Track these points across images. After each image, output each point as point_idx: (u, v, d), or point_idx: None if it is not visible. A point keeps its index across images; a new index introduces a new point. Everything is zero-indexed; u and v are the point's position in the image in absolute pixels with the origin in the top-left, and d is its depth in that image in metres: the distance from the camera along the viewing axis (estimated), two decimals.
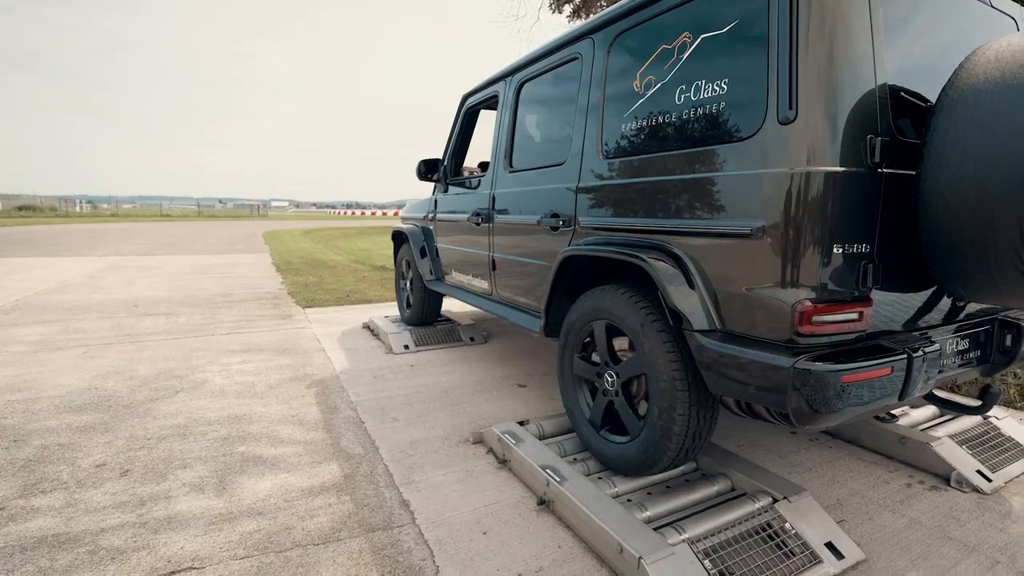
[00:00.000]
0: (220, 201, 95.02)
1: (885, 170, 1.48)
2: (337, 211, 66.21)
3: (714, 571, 1.55)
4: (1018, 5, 2.06)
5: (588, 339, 2.22)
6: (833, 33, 1.45)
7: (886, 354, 1.49)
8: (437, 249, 4.00)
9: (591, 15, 14.38)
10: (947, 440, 2.37)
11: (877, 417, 2.44)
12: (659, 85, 1.91)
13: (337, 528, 1.86)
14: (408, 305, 4.54)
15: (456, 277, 3.72)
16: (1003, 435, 2.53)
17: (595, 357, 2.21)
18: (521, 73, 2.90)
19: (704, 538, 1.66)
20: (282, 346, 4.23)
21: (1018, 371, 3.23)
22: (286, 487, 2.13)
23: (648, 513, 1.82)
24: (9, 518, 1.87)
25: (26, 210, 33.00)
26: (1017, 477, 2.27)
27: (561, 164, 2.43)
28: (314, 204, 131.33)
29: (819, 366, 1.40)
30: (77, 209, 36.85)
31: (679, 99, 1.83)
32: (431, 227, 4.09)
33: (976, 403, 1.91)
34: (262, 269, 9.20)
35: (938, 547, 1.80)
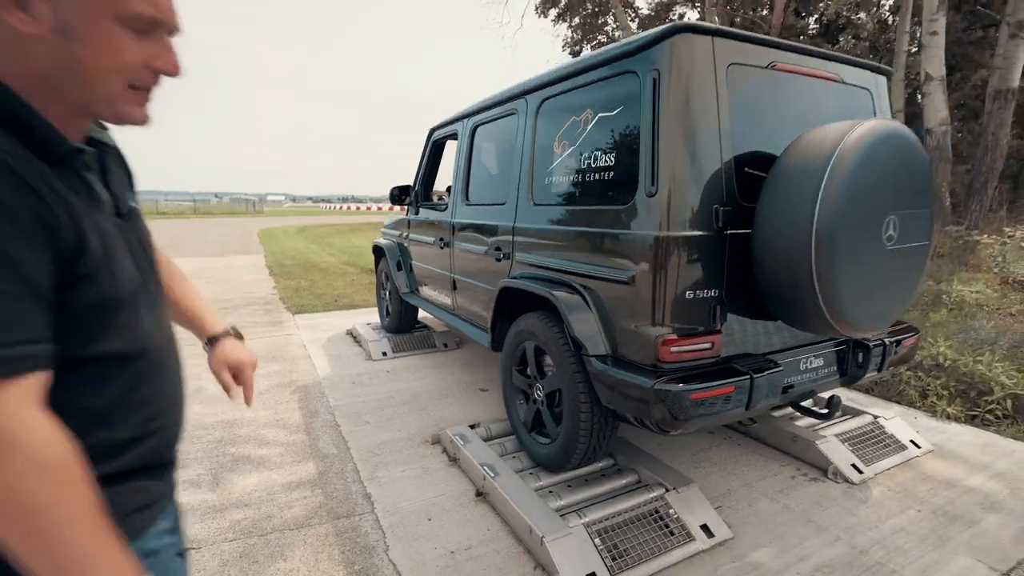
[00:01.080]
0: (216, 196, 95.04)
1: (729, 232, 1.88)
2: (333, 205, 66.31)
3: (603, 547, 1.97)
4: (876, 75, 2.44)
5: (523, 355, 2.63)
6: (686, 127, 1.84)
7: (732, 375, 1.90)
8: (411, 265, 4.40)
9: (574, 20, 14.71)
10: (832, 438, 2.78)
11: (803, 409, 2.74)
12: (570, 149, 2.30)
13: (309, 516, 2.28)
14: (387, 313, 4.94)
15: (426, 291, 4.13)
16: (887, 433, 2.95)
17: (529, 371, 2.62)
18: (476, 117, 3.29)
19: (600, 521, 2.08)
20: (272, 353, 4.63)
21: (922, 375, 3.64)
22: (269, 483, 2.54)
23: (561, 502, 2.24)
24: None
25: None
26: (887, 470, 2.69)
27: (503, 204, 2.83)
28: (310, 198, 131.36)
29: (673, 386, 1.81)
30: None
31: (583, 164, 2.22)
32: (406, 244, 4.49)
33: (824, 411, 2.32)
34: (256, 272, 9.58)
35: (797, 528, 2.22)
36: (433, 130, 4.00)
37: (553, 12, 14.50)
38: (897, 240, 1.85)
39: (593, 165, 2.16)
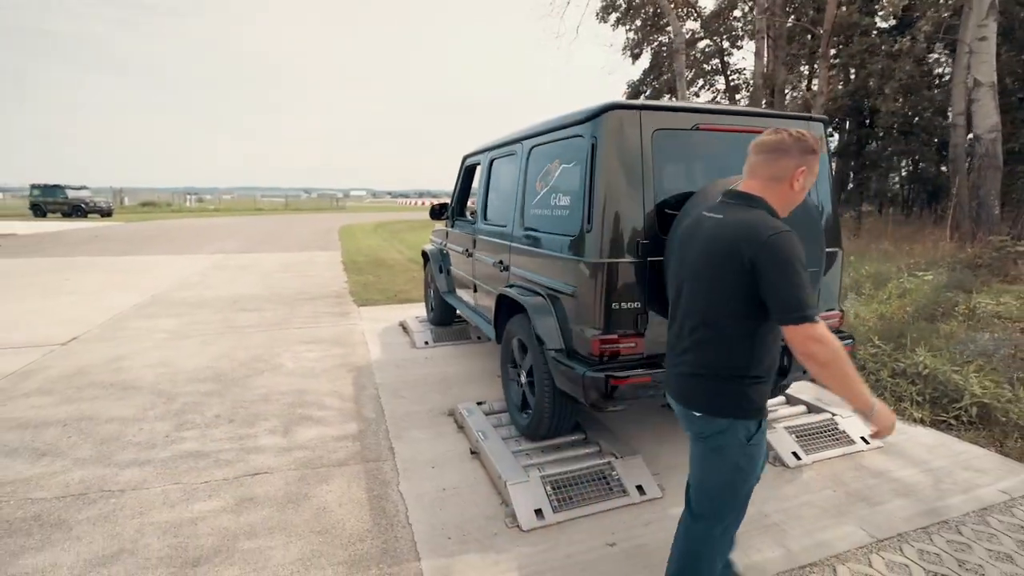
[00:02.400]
0: (306, 191, 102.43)
1: (649, 259, 2.46)
2: (410, 200, 69.48)
3: (552, 492, 2.63)
4: (808, 124, 2.87)
5: (513, 347, 3.31)
6: (614, 180, 2.44)
7: (650, 368, 2.49)
8: (449, 269, 5.19)
9: (635, 22, 14.92)
10: (781, 429, 3.24)
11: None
12: (545, 189, 2.95)
13: (348, 459, 3.11)
14: (431, 308, 5.78)
15: (459, 292, 4.90)
16: (839, 429, 3.34)
17: (516, 360, 3.30)
18: (492, 152, 3.99)
19: (555, 476, 2.73)
20: (337, 339, 5.61)
21: (901, 382, 3.92)
22: (323, 435, 3.41)
23: (530, 461, 2.91)
24: (171, 442, 3.29)
25: (148, 205, 38.11)
26: (827, 459, 3.11)
27: (505, 226, 3.51)
28: (389, 193, 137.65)
29: (598, 374, 2.43)
30: (187, 204, 41.87)
31: (552, 201, 2.86)
32: (446, 251, 5.29)
33: None
34: (332, 268, 10.87)
35: None
36: (465, 157, 4.74)
37: (613, 17, 14.80)
38: None
39: (557, 203, 2.80)
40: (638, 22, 14.62)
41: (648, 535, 2.42)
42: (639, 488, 2.73)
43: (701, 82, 14.74)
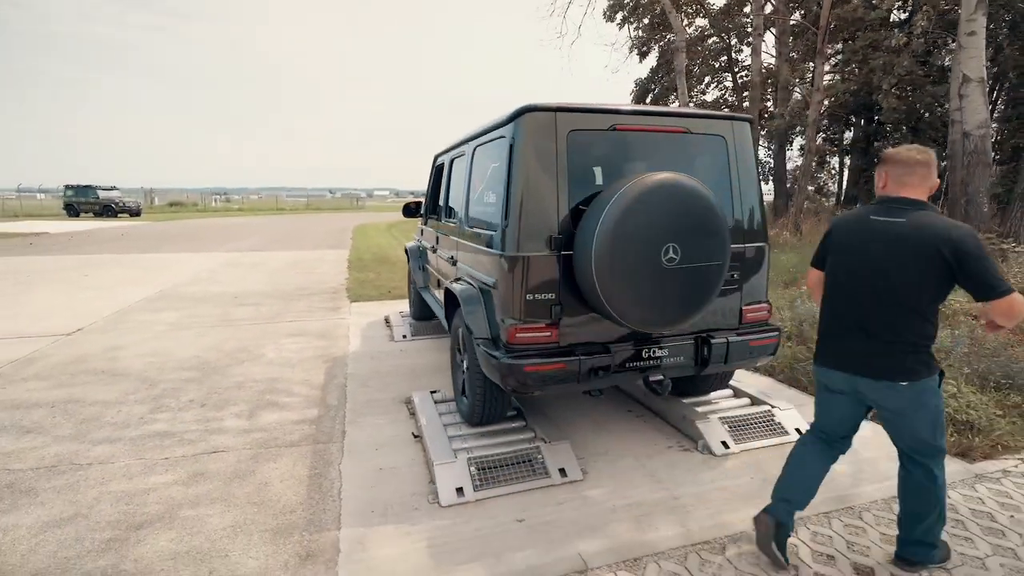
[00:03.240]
0: (330, 191, 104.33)
1: (562, 253, 2.61)
2: None
3: (475, 472, 2.79)
4: (732, 123, 2.96)
5: (458, 338, 3.49)
6: (529, 179, 2.59)
7: (565, 356, 2.63)
8: (423, 265, 5.39)
9: (643, 20, 14.90)
10: (715, 419, 3.34)
11: (648, 385, 3.16)
12: (481, 187, 3.11)
13: (300, 440, 3.33)
14: (412, 303, 5.99)
15: (430, 286, 5.09)
16: (775, 421, 3.42)
17: (460, 350, 3.47)
18: (452, 152, 4.17)
19: (482, 457, 2.89)
20: (323, 333, 5.87)
21: None
22: (284, 419, 3.64)
23: (464, 444, 3.07)
24: (144, 423, 3.56)
25: (176, 205, 39.50)
26: (756, 448, 3.20)
27: (455, 223, 3.69)
28: (412, 192, 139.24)
29: (511, 360, 2.59)
30: (213, 204, 43.20)
31: (484, 198, 3.02)
32: (422, 247, 5.49)
33: (660, 390, 2.90)
34: (338, 265, 11.20)
35: (637, 479, 2.87)
36: (436, 156, 4.93)
37: (619, 16, 14.81)
38: (680, 261, 2.46)
39: (488, 201, 2.96)
40: (646, 20, 14.58)
41: (557, 513, 2.56)
42: (561, 471, 2.87)
43: (708, 79, 14.63)
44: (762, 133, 14.54)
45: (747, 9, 14.33)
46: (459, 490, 2.70)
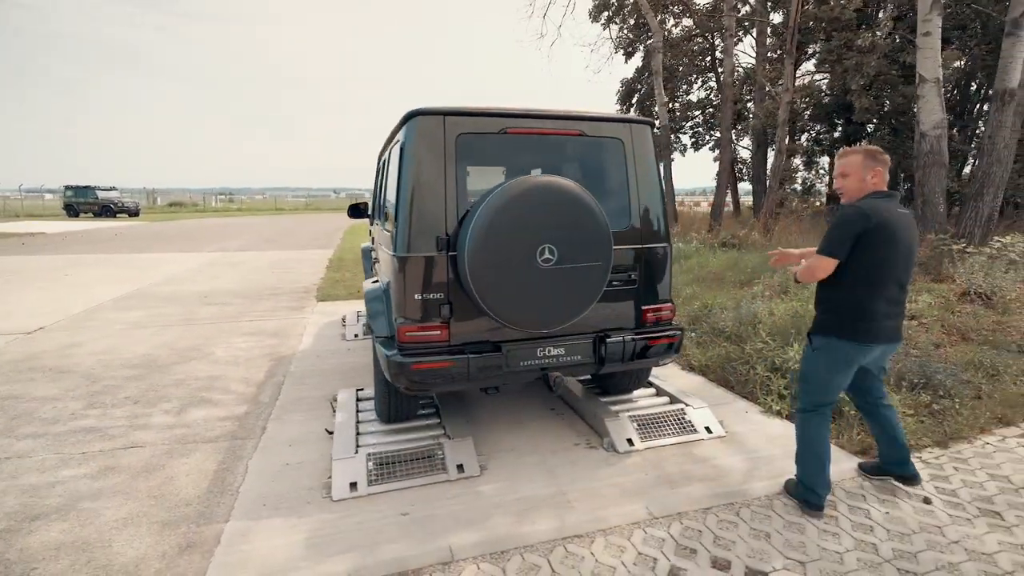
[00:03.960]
0: (334, 191, 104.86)
1: (450, 253, 2.67)
2: None
3: (373, 467, 2.87)
4: (631, 126, 3.01)
5: None
6: (418, 180, 2.65)
7: (453, 355, 2.70)
8: (372, 265, 5.47)
9: (630, 20, 14.93)
10: (624, 417, 3.40)
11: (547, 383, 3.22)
12: (387, 189, 3.18)
13: (219, 436, 3.41)
14: None
15: None
16: (686, 419, 3.47)
17: None
18: (381, 155, 4.24)
19: (382, 453, 2.97)
20: (278, 331, 5.96)
21: (772, 377, 3.99)
22: (211, 415, 3.73)
23: (371, 441, 3.15)
24: (74, 418, 3.66)
25: (175, 205, 39.86)
26: (661, 446, 3.25)
27: (379, 224, 3.76)
28: None
29: (399, 357, 2.65)
30: (213, 204, 43.52)
31: (387, 198, 3.09)
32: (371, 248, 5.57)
33: (553, 387, 2.96)
34: (318, 265, 11.31)
35: (535, 475, 2.93)
36: (379, 154, 5.01)
37: (604, 16, 14.84)
38: (556, 261, 2.52)
39: (389, 200, 3.03)
40: (631, 21, 14.58)
41: (444, 507, 2.63)
42: (459, 467, 2.94)
43: (693, 77, 14.61)
44: (742, 133, 14.54)
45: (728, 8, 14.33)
46: (353, 485, 2.77)
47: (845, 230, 2.31)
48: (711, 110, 12.84)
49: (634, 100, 15.17)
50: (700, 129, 16.72)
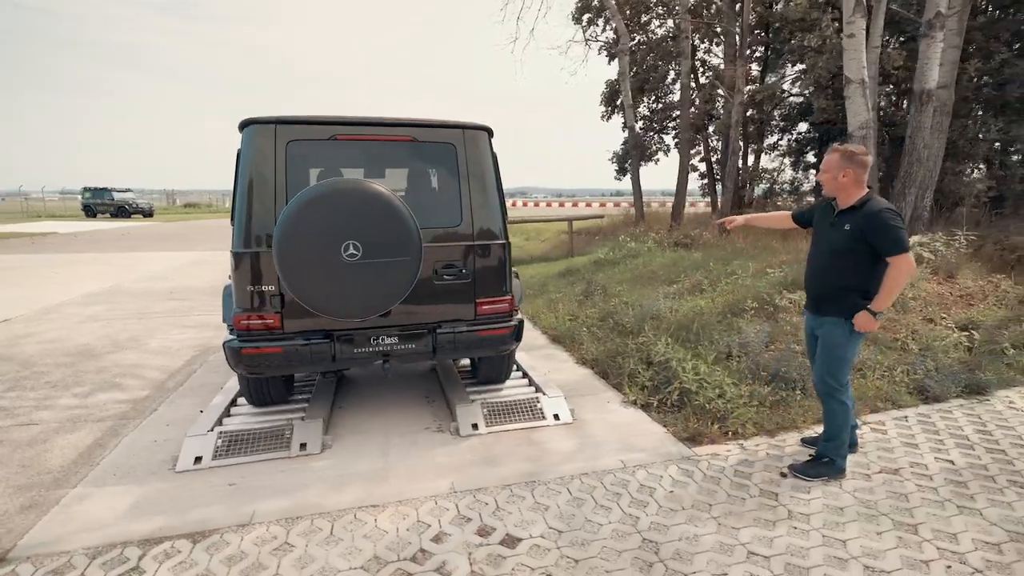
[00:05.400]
0: None
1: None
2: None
3: (222, 444, 3.15)
4: (464, 131, 3.23)
5: None
6: (249, 183, 2.93)
7: (281, 341, 2.97)
8: None
9: (608, 24, 15.06)
10: (477, 403, 3.62)
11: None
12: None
13: (110, 417, 3.74)
14: None
15: None
16: (537, 407, 3.68)
17: None
18: None
19: (235, 431, 3.25)
20: (221, 324, 6.31)
21: (641, 369, 4.17)
22: (113, 398, 4.07)
23: (232, 420, 3.44)
24: None
25: (190, 206, 41.13)
26: (504, 431, 3.46)
27: None
28: None
29: (234, 343, 2.93)
30: (226, 204, 44.74)
31: (233, 199, 3.36)
32: None
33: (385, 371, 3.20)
34: None
35: (372, 453, 3.17)
36: None
37: (586, 17, 14.98)
38: (362, 256, 2.77)
39: (232, 202, 3.29)
40: (613, 24, 14.65)
41: (270, 480, 2.90)
42: (302, 445, 3.20)
43: (672, 76, 14.63)
44: (714, 134, 14.52)
45: (714, 9, 14.35)
46: (198, 459, 3.06)
47: (903, 226, 2.63)
48: (694, 110, 12.86)
49: (618, 102, 15.26)
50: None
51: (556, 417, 3.61)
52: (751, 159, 14.15)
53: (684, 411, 3.60)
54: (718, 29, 13.04)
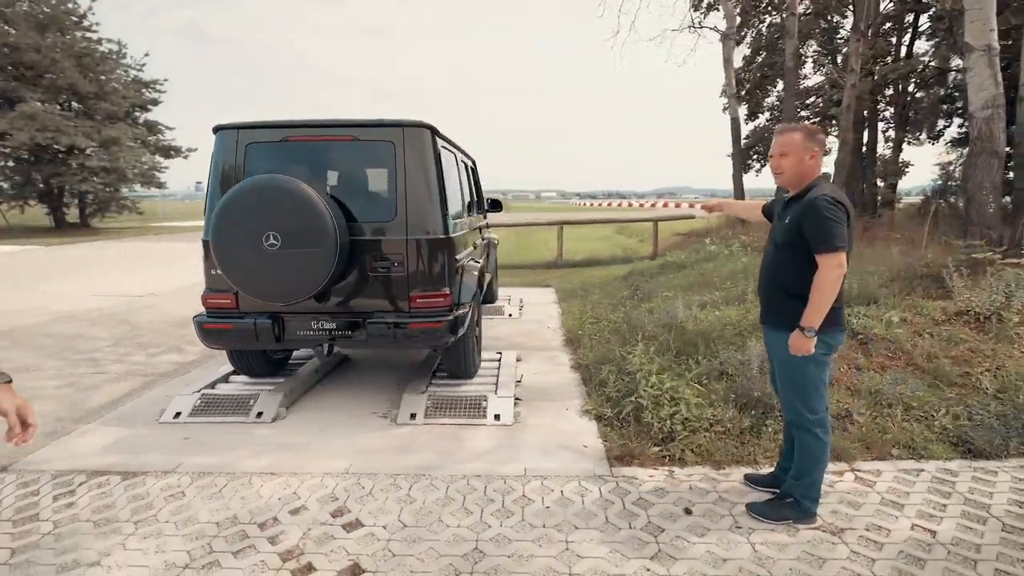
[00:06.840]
0: (503, 194, 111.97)
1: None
2: (598, 202, 72.06)
3: (200, 404, 3.68)
4: (404, 129, 3.31)
5: None
6: (218, 180, 3.36)
7: (232, 319, 3.37)
8: None
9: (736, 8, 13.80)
10: (423, 395, 3.71)
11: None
12: None
13: (157, 374, 4.56)
14: None
15: None
16: (482, 407, 3.64)
17: None
18: None
19: (212, 395, 3.76)
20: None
21: (613, 381, 3.84)
22: (171, 360, 4.94)
23: (221, 386, 3.97)
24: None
25: None
26: (438, 424, 3.48)
27: None
28: (577, 194, 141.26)
29: (200, 317, 3.41)
30: None
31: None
32: None
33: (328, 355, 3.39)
34: None
35: (311, 429, 3.42)
36: None
37: (706, 2, 13.83)
38: (281, 246, 3.01)
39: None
40: (738, 8, 13.28)
41: (214, 439, 3.30)
42: (259, 414, 3.59)
43: (811, 64, 12.72)
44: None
45: None
46: (177, 414, 3.61)
47: (839, 219, 2.14)
48: (822, 97, 11.17)
49: (743, 92, 13.86)
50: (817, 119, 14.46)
51: (497, 417, 3.53)
52: (880, 150, 11.78)
53: (632, 427, 3.28)
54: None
